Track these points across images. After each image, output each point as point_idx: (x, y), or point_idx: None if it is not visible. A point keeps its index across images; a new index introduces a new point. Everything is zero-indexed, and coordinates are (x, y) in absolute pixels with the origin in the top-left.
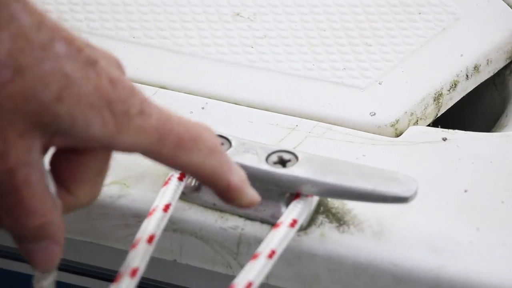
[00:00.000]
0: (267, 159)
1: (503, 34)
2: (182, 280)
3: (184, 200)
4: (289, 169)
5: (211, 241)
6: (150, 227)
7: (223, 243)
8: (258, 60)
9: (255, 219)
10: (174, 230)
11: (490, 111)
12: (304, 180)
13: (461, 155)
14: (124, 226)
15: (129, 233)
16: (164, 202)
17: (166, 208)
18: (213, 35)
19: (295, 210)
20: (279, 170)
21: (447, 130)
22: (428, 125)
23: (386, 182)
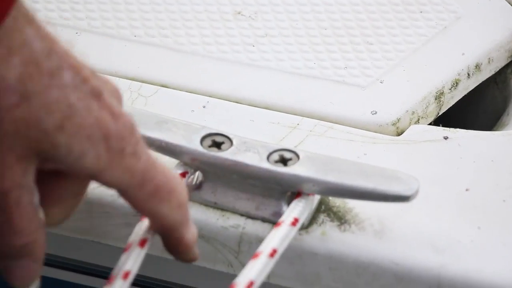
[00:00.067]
0: (268, 158)
1: (505, 33)
2: (183, 279)
3: None
4: (290, 167)
5: (212, 239)
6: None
7: (224, 242)
8: (259, 58)
9: (256, 218)
10: None
11: (491, 110)
12: (305, 179)
13: (462, 154)
14: (125, 225)
15: (130, 231)
16: None
17: None
18: (214, 33)
19: (297, 208)
20: (280, 168)
21: (448, 128)
22: (430, 123)
23: (387, 181)
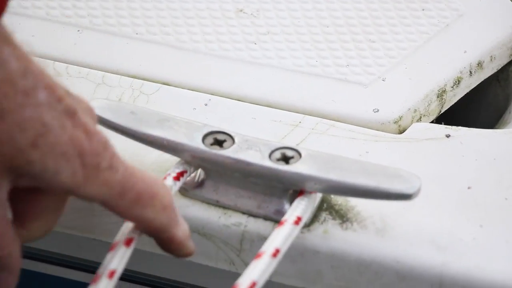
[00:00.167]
0: (270, 156)
1: (507, 31)
2: (185, 277)
3: (187, 196)
4: (292, 166)
5: (214, 238)
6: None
7: (226, 240)
8: (261, 56)
9: (258, 216)
10: None
11: (493, 108)
12: (307, 177)
13: (464, 151)
14: None
15: None
16: None
17: None
18: (216, 31)
19: (299, 207)
20: (282, 167)
21: (450, 126)
22: (432, 121)
23: (390, 179)
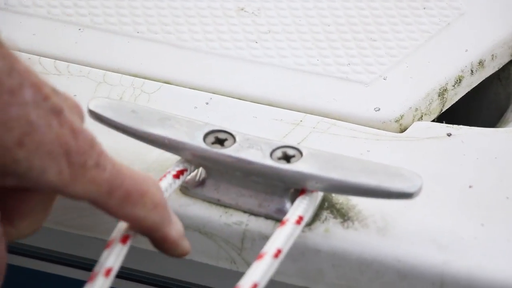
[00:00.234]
0: (271, 155)
1: (508, 29)
2: (186, 276)
3: (188, 195)
4: (293, 164)
5: (215, 236)
6: (123, 228)
7: (227, 239)
8: (263, 55)
9: (260, 215)
10: None
11: (495, 107)
12: (308, 176)
13: (465, 150)
14: None
15: None
16: None
17: None
18: (217, 30)
19: (301, 206)
20: (283, 165)
21: (451, 125)
22: (433, 120)
23: (391, 178)
